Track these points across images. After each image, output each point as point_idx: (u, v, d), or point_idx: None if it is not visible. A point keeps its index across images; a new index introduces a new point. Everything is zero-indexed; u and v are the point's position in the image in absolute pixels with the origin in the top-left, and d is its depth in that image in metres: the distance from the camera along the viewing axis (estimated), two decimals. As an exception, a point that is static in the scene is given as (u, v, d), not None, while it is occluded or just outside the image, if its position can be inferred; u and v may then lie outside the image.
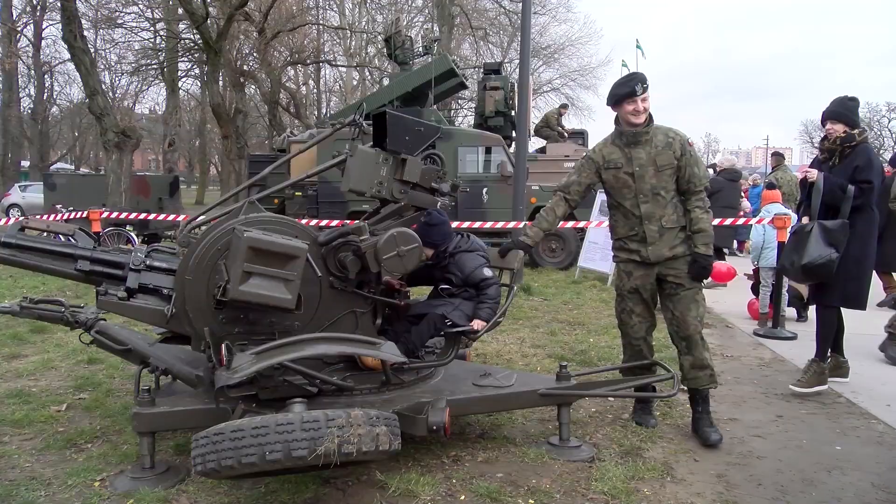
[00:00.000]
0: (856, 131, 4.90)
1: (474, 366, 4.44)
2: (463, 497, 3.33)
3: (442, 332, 3.99)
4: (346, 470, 3.43)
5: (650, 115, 4.00)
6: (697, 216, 4.00)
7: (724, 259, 10.97)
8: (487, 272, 4.04)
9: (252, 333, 3.49)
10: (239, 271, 3.18)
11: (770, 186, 8.92)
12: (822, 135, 5.06)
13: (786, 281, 7.38)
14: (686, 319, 4.05)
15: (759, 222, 7.76)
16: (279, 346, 3.14)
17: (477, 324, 3.93)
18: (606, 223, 9.72)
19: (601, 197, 9.56)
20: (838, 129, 4.90)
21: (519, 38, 12.19)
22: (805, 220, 5.02)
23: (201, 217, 4.16)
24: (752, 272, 8.27)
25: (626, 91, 3.94)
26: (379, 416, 2.89)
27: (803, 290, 7.91)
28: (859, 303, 4.97)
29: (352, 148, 3.93)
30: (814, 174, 4.92)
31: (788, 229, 7.18)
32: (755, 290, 7.93)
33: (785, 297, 7.42)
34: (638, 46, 24.52)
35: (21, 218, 4.34)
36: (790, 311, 7.80)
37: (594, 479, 3.50)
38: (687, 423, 4.34)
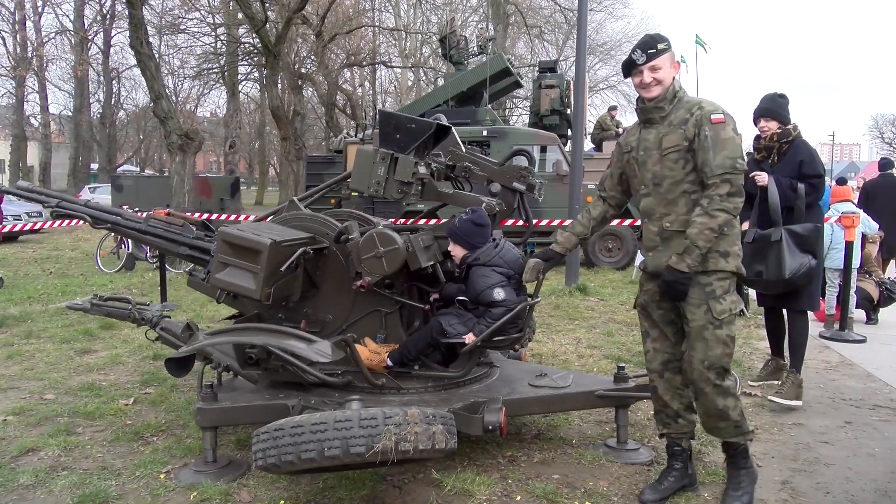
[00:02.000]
0: (789, 126, 4.73)
1: (530, 366, 4.41)
2: (519, 497, 3.31)
3: (439, 342, 3.71)
4: (402, 468, 3.46)
5: (675, 89, 3.14)
6: (692, 218, 3.00)
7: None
8: (499, 295, 3.57)
9: (289, 320, 3.75)
10: (216, 261, 3.58)
11: (841, 182, 8.50)
12: (756, 134, 4.91)
13: (854, 282, 7.11)
14: (690, 361, 3.11)
15: (825, 220, 7.47)
16: (225, 331, 3.59)
17: (468, 337, 3.60)
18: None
19: None
20: (772, 126, 4.74)
21: (575, 36, 12.06)
22: (745, 225, 4.60)
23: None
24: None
25: (626, 61, 3.18)
26: (435, 415, 2.91)
27: (873, 291, 7.63)
28: (815, 303, 4.89)
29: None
30: (764, 178, 4.65)
31: (857, 229, 6.93)
32: (822, 290, 7.64)
33: (853, 298, 7.13)
34: (698, 41, 23.80)
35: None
36: (859, 313, 7.51)
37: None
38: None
